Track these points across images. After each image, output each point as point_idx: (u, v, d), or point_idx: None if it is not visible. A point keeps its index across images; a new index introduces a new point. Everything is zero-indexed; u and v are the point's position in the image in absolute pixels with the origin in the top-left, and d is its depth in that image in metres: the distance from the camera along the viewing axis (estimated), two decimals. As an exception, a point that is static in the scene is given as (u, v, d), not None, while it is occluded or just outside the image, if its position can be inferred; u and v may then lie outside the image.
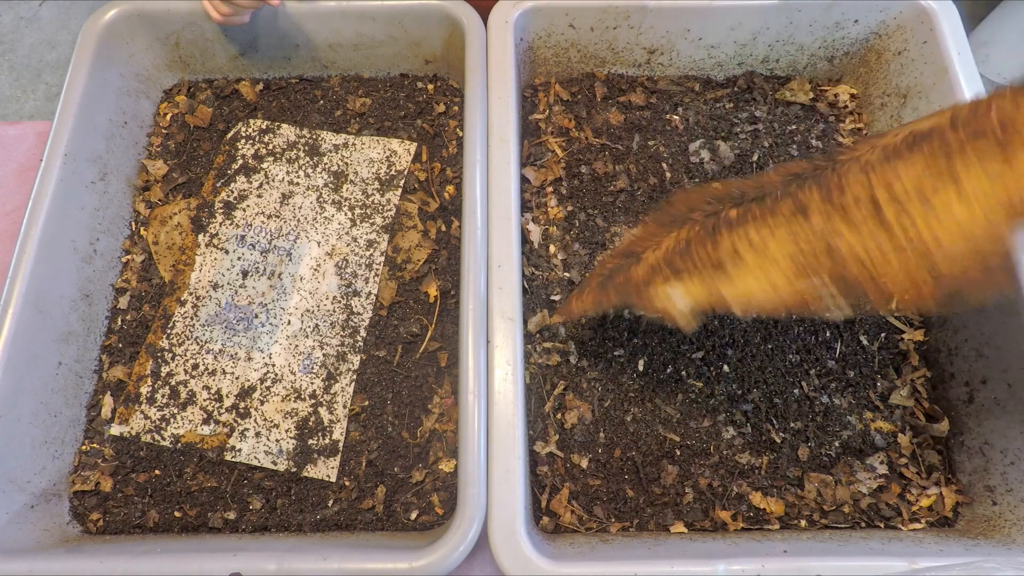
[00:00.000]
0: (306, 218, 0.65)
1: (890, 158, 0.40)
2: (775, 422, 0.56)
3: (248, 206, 0.65)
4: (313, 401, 0.57)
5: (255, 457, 0.56)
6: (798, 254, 0.42)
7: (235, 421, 0.57)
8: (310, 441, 0.56)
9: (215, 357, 0.59)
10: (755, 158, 0.66)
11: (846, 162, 0.42)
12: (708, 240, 0.44)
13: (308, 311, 0.60)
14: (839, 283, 0.42)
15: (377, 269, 0.62)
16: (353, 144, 0.68)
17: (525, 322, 0.57)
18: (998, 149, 0.36)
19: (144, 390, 0.58)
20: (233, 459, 0.56)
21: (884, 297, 0.41)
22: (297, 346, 0.59)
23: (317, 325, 0.60)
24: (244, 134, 0.69)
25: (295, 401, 0.57)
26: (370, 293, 0.61)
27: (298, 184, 0.66)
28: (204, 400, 0.58)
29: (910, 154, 0.40)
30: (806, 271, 0.42)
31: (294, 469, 0.55)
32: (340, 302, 0.61)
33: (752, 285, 0.43)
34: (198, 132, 0.70)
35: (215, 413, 0.57)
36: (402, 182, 0.66)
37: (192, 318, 0.61)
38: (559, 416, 0.56)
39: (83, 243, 0.60)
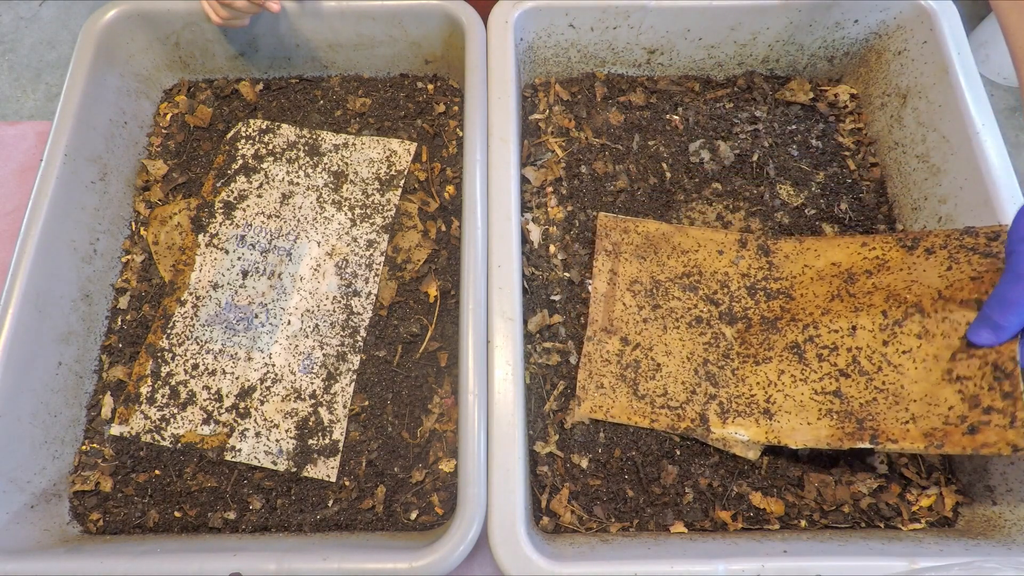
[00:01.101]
0: (306, 218, 0.65)
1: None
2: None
3: (248, 206, 0.65)
4: (313, 401, 0.57)
5: (255, 457, 0.56)
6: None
7: (235, 421, 0.57)
8: (310, 441, 0.56)
9: (215, 357, 0.59)
10: (755, 158, 0.66)
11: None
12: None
13: (308, 311, 0.60)
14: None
15: (377, 269, 0.62)
16: (353, 144, 0.68)
17: (525, 322, 0.57)
18: None
19: (144, 390, 0.58)
20: (233, 459, 0.56)
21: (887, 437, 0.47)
22: (297, 346, 0.59)
23: (317, 325, 0.60)
24: (244, 134, 0.69)
25: (295, 401, 0.57)
26: (370, 293, 0.61)
27: (298, 184, 0.66)
28: (204, 400, 0.58)
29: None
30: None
31: (294, 469, 0.55)
32: (340, 302, 0.61)
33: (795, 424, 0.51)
34: (198, 132, 0.70)
35: (215, 413, 0.57)
36: (402, 182, 0.66)
37: (192, 318, 0.61)
38: (559, 416, 0.56)
39: (83, 243, 0.60)
